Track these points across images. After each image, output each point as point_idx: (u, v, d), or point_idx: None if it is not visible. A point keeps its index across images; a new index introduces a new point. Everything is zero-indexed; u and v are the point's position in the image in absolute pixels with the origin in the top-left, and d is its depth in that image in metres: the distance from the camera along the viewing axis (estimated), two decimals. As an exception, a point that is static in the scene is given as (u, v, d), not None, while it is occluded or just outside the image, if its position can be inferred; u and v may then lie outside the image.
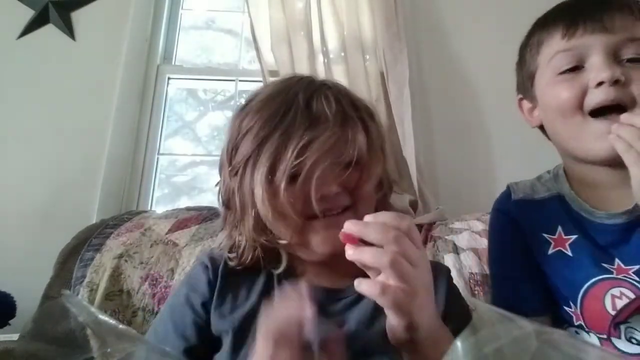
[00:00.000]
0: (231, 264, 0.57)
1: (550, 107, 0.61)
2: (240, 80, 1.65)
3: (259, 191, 0.51)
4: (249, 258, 0.56)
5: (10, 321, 1.01)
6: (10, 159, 1.43)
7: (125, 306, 0.96)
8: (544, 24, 0.65)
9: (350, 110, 0.55)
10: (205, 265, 0.59)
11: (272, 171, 0.51)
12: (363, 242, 0.41)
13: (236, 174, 0.54)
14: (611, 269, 0.57)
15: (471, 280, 0.94)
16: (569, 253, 0.61)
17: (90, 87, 1.52)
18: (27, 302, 0.93)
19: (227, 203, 0.58)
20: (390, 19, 1.47)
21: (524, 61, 0.69)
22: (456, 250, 1.00)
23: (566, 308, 0.60)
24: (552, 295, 0.63)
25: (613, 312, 0.54)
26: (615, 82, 0.54)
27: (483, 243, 1.00)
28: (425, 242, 1.05)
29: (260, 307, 0.46)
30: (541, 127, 0.69)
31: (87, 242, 1.06)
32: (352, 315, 0.53)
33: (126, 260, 1.00)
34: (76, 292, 0.96)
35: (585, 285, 0.58)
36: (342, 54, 1.47)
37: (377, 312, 0.51)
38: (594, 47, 0.56)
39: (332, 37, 1.48)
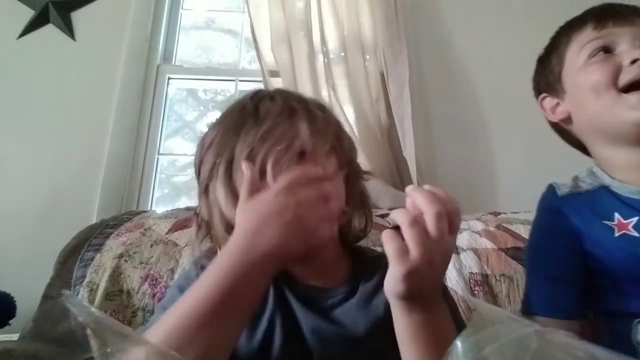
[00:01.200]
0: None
1: (583, 89, 0.64)
2: (240, 80, 1.65)
3: (221, 193, 0.52)
4: None
5: (10, 321, 1.01)
6: (10, 159, 1.43)
7: (125, 306, 0.96)
8: (571, 25, 0.70)
9: (295, 104, 0.57)
10: (200, 266, 0.59)
11: (229, 172, 0.53)
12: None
13: (205, 188, 0.56)
14: None
15: (471, 280, 0.94)
16: (636, 234, 0.59)
17: (90, 87, 1.52)
18: (27, 302, 0.94)
19: (199, 221, 0.59)
20: (390, 19, 1.47)
21: (548, 61, 0.72)
22: (456, 250, 1.00)
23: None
24: (617, 283, 0.61)
25: None
26: None
27: (483, 243, 1.00)
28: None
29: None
30: (558, 128, 0.73)
31: (87, 242, 1.06)
32: (341, 311, 0.54)
33: (126, 260, 1.00)
34: (76, 292, 0.96)
35: None
36: (342, 54, 1.47)
37: (364, 309, 0.54)
38: (623, 35, 0.62)
39: (332, 37, 1.48)
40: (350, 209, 0.57)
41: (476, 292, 0.92)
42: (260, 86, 1.52)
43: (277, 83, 1.44)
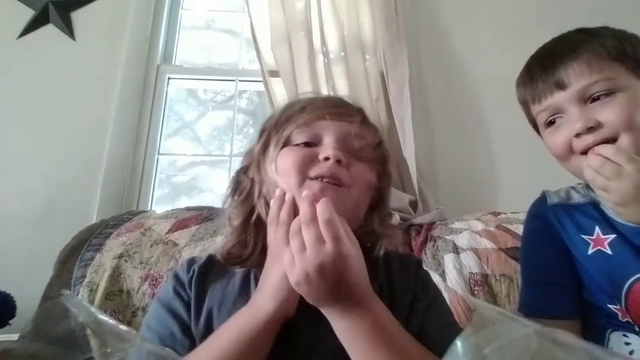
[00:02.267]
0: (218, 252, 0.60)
1: (553, 154, 0.68)
2: (240, 80, 1.65)
3: (274, 153, 0.56)
4: (247, 248, 0.59)
5: (10, 321, 1.01)
6: (10, 159, 1.43)
7: (125, 306, 0.96)
8: (519, 86, 0.72)
9: (366, 118, 0.63)
10: (177, 278, 0.61)
11: (287, 137, 0.57)
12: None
13: (263, 144, 0.59)
14: None
15: (471, 280, 0.94)
16: (609, 252, 0.62)
17: (90, 87, 1.52)
18: (27, 302, 0.93)
19: (245, 171, 0.62)
20: (390, 19, 1.47)
21: (526, 114, 0.74)
22: (456, 250, 1.00)
23: (611, 306, 0.61)
24: (592, 297, 0.64)
25: None
26: (590, 129, 0.60)
27: (483, 243, 1.00)
28: (425, 242, 1.05)
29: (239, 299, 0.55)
30: None
31: (87, 242, 1.06)
32: None
33: (126, 260, 1.00)
34: (76, 292, 0.96)
35: (629, 281, 0.59)
36: (342, 54, 1.47)
37: None
38: (562, 102, 0.63)
39: (332, 37, 1.48)
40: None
41: (476, 292, 0.92)
42: (260, 86, 1.52)
43: (277, 83, 1.44)
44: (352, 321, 0.46)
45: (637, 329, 0.59)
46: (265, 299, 0.50)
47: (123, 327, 0.36)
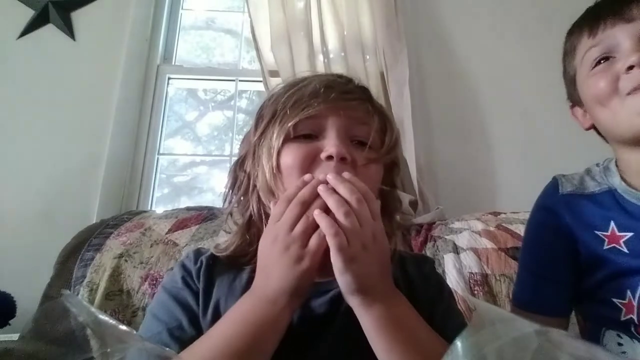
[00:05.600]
0: (215, 250, 0.59)
1: (590, 100, 0.63)
2: (240, 80, 1.65)
3: (277, 143, 0.53)
4: (246, 245, 0.57)
5: (10, 321, 1.01)
6: (10, 159, 1.43)
7: (125, 306, 0.96)
8: (572, 31, 0.68)
9: (376, 103, 0.60)
10: (191, 259, 0.60)
11: (293, 125, 0.54)
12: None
13: (261, 134, 0.57)
14: None
15: (471, 280, 0.94)
16: (625, 250, 0.60)
17: (90, 87, 1.52)
18: (27, 302, 0.94)
19: (242, 164, 0.60)
20: (390, 19, 1.47)
21: (565, 69, 0.71)
22: (456, 250, 1.00)
23: (616, 300, 0.59)
24: (599, 290, 0.62)
25: None
26: None
27: (483, 243, 1.00)
28: (425, 242, 1.05)
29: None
30: (598, 132, 0.70)
31: (87, 242, 1.06)
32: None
33: (126, 260, 1.00)
34: (76, 292, 0.96)
35: None
36: (342, 54, 1.47)
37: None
38: (619, 37, 0.59)
39: (332, 37, 1.48)
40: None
41: (476, 292, 0.92)
42: (261, 86, 1.52)
43: (277, 83, 1.44)
44: (382, 312, 0.45)
45: (633, 329, 0.58)
46: (274, 286, 0.47)
47: (123, 327, 0.36)
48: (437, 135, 1.51)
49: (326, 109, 0.54)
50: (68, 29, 1.55)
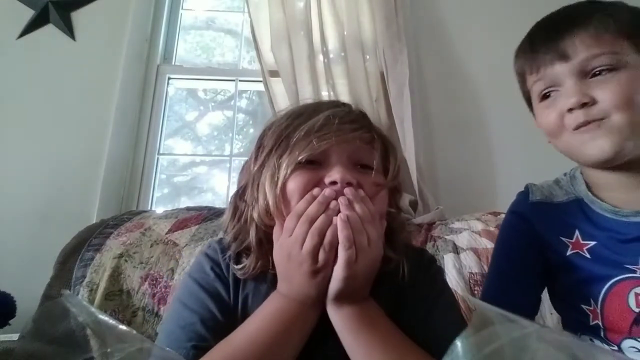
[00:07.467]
0: (239, 273, 0.57)
1: (544, 129, 0.65)
2: (240, 80, 1.65)
3: (285, 172, 0.53)
4: (254, 261, 0.57)
5: (10, 321, 1.01)
6: (10, 159, 1.43)
7: (125, 306, 0.96)
8: (517, 55, 0.69)
9: (376, 129, 0.61)
10: (210, 258, 0.60)
11: (295, 156, 0.54)
12: None
13: (262, 164, 0.57)
14: (635, 269, 0.57)
15: (471, 280, 0.94)
16: (588, 256, 0.61)
17: (90, 87, 1.52)
18: (27, 302, 0.93)
19: (242, 195, 0.60)
20: (390, 19, 1.47)
21: (520, 88, 0.72)
22: (456, 250, 1.00)
23: (583, 306, 0.60)
24: (567, 296, 0.63)
25: (637, 310, 0.55)
26: (584, 105, 0.56)
27: (483, 243, 1.00)
28: (425, 242, 1.05)
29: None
30: None
31: (87, 242, 1.06)
32: None
33: (126, 260, 1.00)
34: (76, 292, 0.96)
35: (608, 284, 0.58)
36: (342, 54, 1.47)
37: None
38: (559, 74, 0.59)
39: (332, 37, 1.48)
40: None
41: (476, 292, 0.92)
42: (260, 86, 1.52)
43: (277, 83, 1.44)
44: (351, 311, 0.50)
45: (602, 334, 0.57)
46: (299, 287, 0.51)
47: (123, 327, 0.36)
48: (437, 135, 1.51)
49: (335, 140, 0.54)
50: (68, 29, 1.55)
